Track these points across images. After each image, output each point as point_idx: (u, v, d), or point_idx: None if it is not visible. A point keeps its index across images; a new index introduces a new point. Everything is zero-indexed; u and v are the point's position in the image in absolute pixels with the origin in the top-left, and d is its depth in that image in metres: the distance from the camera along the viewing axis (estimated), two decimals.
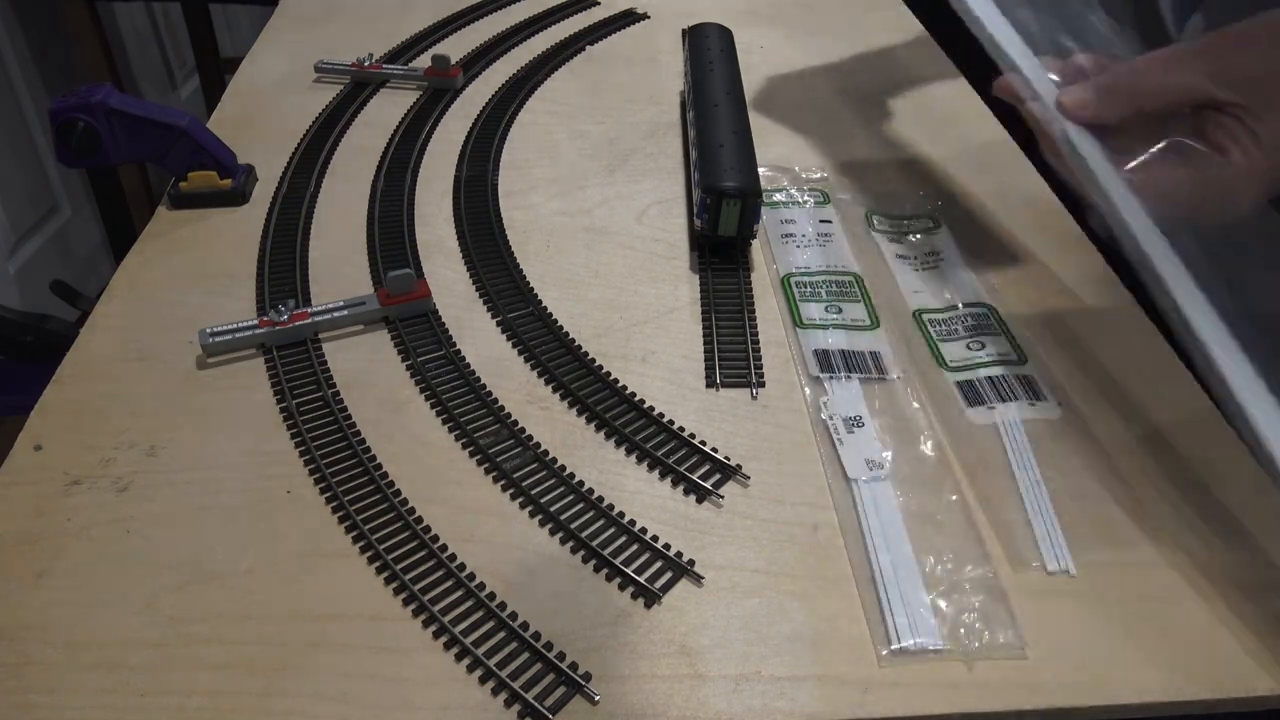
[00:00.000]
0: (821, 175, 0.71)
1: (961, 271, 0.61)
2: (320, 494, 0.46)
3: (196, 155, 0.66)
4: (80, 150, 0.63)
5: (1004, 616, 0.40)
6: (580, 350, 0.55)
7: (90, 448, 0.48)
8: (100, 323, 0.57)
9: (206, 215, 0.67)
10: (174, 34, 2.08)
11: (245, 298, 0.59)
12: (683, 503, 0.46)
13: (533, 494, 0.46)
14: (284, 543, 0.44)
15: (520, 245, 0.64)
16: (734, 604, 0.41)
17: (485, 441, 0.49)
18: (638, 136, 0.77)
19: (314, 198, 0.69)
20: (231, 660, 0.39)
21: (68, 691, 0.38)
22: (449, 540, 0.44)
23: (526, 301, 0.59)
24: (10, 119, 1.59)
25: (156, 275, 0.61)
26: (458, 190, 0.70)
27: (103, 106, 0.63)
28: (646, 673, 0.39)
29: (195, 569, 0.43)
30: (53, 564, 0.43)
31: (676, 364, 0.54)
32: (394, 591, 0.42)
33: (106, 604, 0.41)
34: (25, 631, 0.40)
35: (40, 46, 1.66)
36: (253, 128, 0.77)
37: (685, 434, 0.49)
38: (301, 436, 0.49)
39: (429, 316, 0.57)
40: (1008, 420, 0.49)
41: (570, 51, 0.90)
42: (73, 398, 0.52)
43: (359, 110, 0.80)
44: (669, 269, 0.62)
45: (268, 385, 0.53)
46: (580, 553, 0.43)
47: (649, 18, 0.97)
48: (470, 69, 0.86)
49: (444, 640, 0.40)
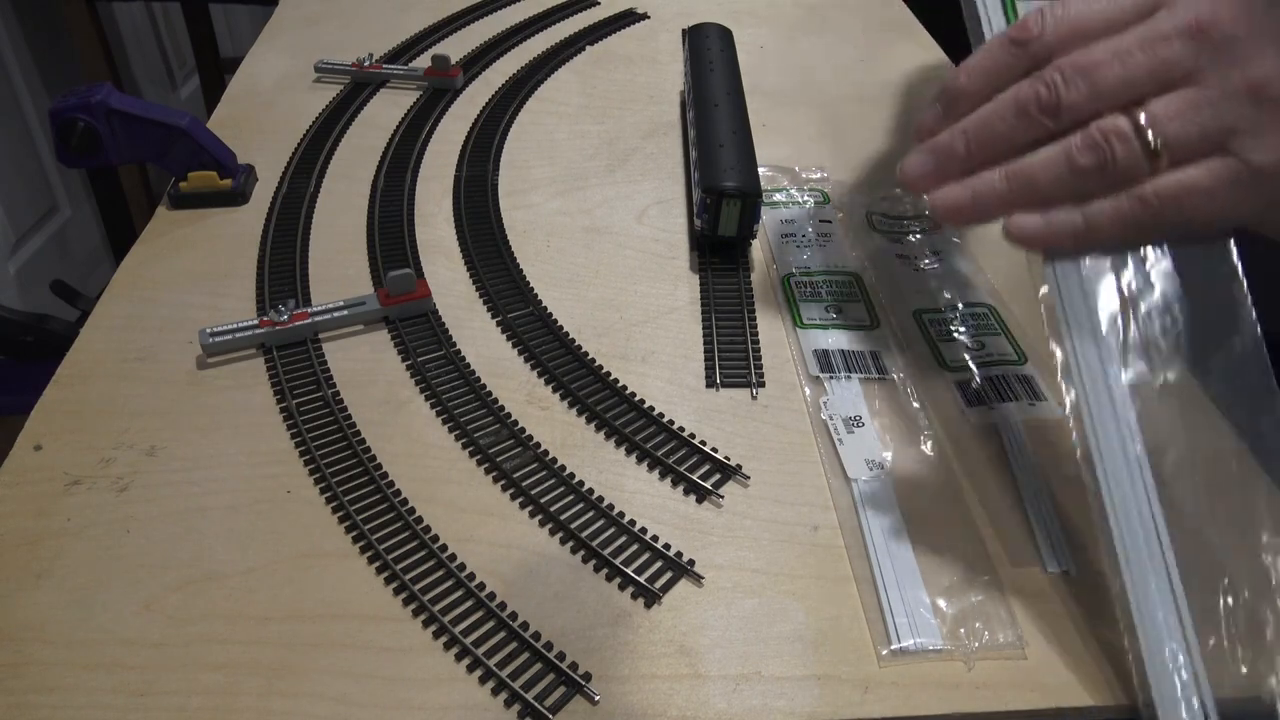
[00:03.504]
0: (821, 175, 0.71)
1: (962, 271, 0.61)
2: (320, 494, 0.46)
3: (196, 155, 0.66)
4: (80, 150, 0.63)
5: (1004, 616, 0.40)
6: (580, 350, 0.55)
7: (90, 448, 0.48)
8: (100, 323, 0.57)
9: (206, 215, 0.67)
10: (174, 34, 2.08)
11: (245, 298, 0.59)
12: (683, 503, 0.46)
13: (533, 494, 0.46)
14: (284, 543, 0.44)
15: (520, 245, 0.64)
16: (734, 604, 0.41)
17: (485, 441, 0.49)
18: (638, 136, 0.77)
19: (314, 198, 0.69)
20: (231, 660, 0.39)
21: (68, 691, 0.38)
22: (449, 540, 0.44)
23: (526, 301, 0.59)
24: (10, 119, 1.59)
25: (156, 275, 0.61)
26: (458, 190, 0.70)
27: (103, 106, 0.63)
28: (646, 673, 0.39)
29: (195, 569, 0.43)
30: (53, 564, 0.43)
31: (676, 364, 0.54)
32: (394, 591, 0.42)
33: (106, 604, 0.41)
34: (25, 631, 0.40)
35: (40, 46, 1.66)
36: (253, 128, 0.77)
37: (685, 434, 0.49)
38: (301, 436, 0.49)
39: (429, 316, 0.57)
40: (1008, 420, 0.49)
41: (570, 51, 0.90)
42: (73, 398, 0.52)
43: (359, 110, 0.80)
44: (669, 269, 0.62)
45: (268, 385, 0.53)
46: (580, 553, 0.43)
47: (649, 18, 0.97)
48: (470, 69, 0.86)
49: (444, 640, 0.40)
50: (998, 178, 0.34)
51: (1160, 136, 0.31)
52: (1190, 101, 0.32)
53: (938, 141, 0.35)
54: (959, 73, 0.35)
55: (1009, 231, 0.35)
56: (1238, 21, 0.31)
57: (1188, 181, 0.32)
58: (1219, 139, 0.31)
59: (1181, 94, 0.32)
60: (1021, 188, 0.34)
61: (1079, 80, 0.32)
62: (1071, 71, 0.32)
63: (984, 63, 0.34)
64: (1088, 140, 0.32)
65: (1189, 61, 0.31)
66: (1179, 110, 0.31)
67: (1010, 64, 0.34)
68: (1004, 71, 0.34)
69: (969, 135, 0.34)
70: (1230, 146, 0.31)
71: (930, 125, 0.36)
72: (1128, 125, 0.32)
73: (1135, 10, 0.32)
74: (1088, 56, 0.32)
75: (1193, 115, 0.31)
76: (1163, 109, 0.32)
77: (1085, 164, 0.32)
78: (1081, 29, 0.33)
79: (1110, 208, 0.33)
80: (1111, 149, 0.32)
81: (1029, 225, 0.34)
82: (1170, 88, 0.32)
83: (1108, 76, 0.32)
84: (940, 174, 0.35)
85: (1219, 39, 0.31)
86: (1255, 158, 0.31)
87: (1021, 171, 0.34)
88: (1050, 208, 0.34)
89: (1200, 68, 0.31)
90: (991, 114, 0.34)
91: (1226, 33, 0.31)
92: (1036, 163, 0.33)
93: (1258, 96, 0.31)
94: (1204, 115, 0.31)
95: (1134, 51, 0.32)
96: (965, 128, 0.34)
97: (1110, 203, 0.33)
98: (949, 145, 0.35)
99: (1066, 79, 0.32)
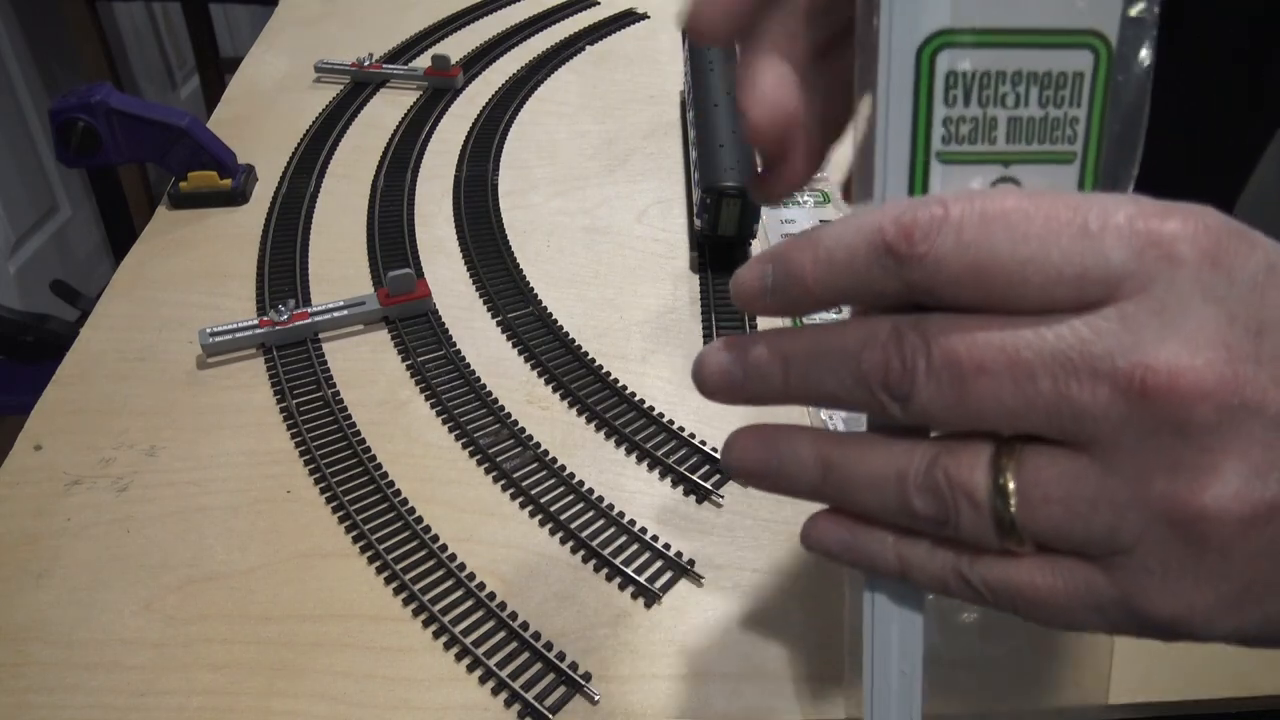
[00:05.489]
0: (821, 175, 0.71)
1: None
2: (320, 494, 0.46)
3: (196, 155, 0.66)
4: (80, 150, 0.63)
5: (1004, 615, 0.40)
6: (580, 350, 0.55)
7: (90, 448, 0.48)
8: (100, 323, 0.57)
9: (206, 215, 0.67)
10: (174, 34, 2.08)
11: (245, 297, 0.59)
12: (683, 502, 0.46)
13: (532, 494, 0.46)
14: (284, 543, 0.44)
15: (520, 245, 0.64)
16: (734, 604, 0.41)
17: (485, 441, 0.49)
18: (638, 136, 0.77)
19: (314, 198, 0.69)
20: (231, 660, 0.39)
21: (68, 691, 0.38)
22: (449, 540, 0.44)
23: (526, 301, 0.59)
24: (10, 119, 1.59)
25: (156, 275, 0.61)
26: (458, 190, 0.70)
27: (103, 106, 0.63)
28: (647, 672, 0.39)
29: (195, 569, 0.43)
30: (53, 564, 0.43)
31: (676, 364, 0.54)
32: (394, 591, 0.42)
33: (106, 604, 0.41)
34: (25, 631, 0.40)
35: (40, 46, 1.66)
36: (253, 128, 0.77)
37: (685, 434, 0.49)
38: (301, 436, 0.49)
39: (429, 316, 0.57)
40: None
41: (570, 51, 0.90)
42: (73, 398, 0.52)
43: (359, 110, 0.80)
44: (669, 269, 0.62)
45: (268, 385, 0.53)
46: (580, 552, 0.43)
47: (649, 17, 0.97)
48: (470, 69, 0.86)
49: (444, 640, 0.40)
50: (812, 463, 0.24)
51: (1026, 524, 0.21)
52: (1084, 489, 0.21)
53: (755, 359, 0.25)
54: (808, 253, 0.23)
55: (803, 536, 0.26)
56: (1202, 398, 0.19)
57: (1040, 586, 0.22)
58: (1104, 550, 0.21)
59: (1079, 468, 0.21)
60: (837, 492, 0.24)
61: (946, 382, 0.21)
62: (942, 364, 0.21)
63: (843, 258, 0.22)
64: (930, 484, 0.22)
65: (1110, 425, 0.20)
66: (1064, 496, 0.21)
67: (876, 276, 0.22)
68: (864, 281, 0.22)
69: (791, 371, 0.24)
70: (1113, 568, 0.21)
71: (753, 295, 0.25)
72: (985, 486, 0.21)
73: (1071, 289, 0.20)
74: (973, 352, 0.21)
75: (1080, 510, 0.21)
76: (1042, 486, 0.21)
77: (920, 510, 0.23)
78: (987, 274, 0.20)
79: (935, 569, 0.24)
80: (956, 509, 0.22)
81: (829, 538, 0.25)
82: (1069, 443, 0.21)
83: (986, 398, 0.21)
84: (745, 395, 0.25)
85: (1164, 415, 0.20)
86: (1137, 597, 0.21)
87: (842, 477, 0.24)
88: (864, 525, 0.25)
89: (1120, 443, 0.20)
90: (824, 356, 0.23)
91: (1176, 412, 0.19)
92: (861, 475, 0.24)
93: (1187, 531, 0.20)
94: (1097, 518, 0.21)
95: (1038, 376, 0.20)
96: (789, 356, 0.24)
97: (936, 563, 0.24)
98: (765, 370, 0.24)
99: (932, 370, 0.21)
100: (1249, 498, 0.20)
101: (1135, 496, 0.20)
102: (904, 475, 0.23)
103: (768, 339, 0.24)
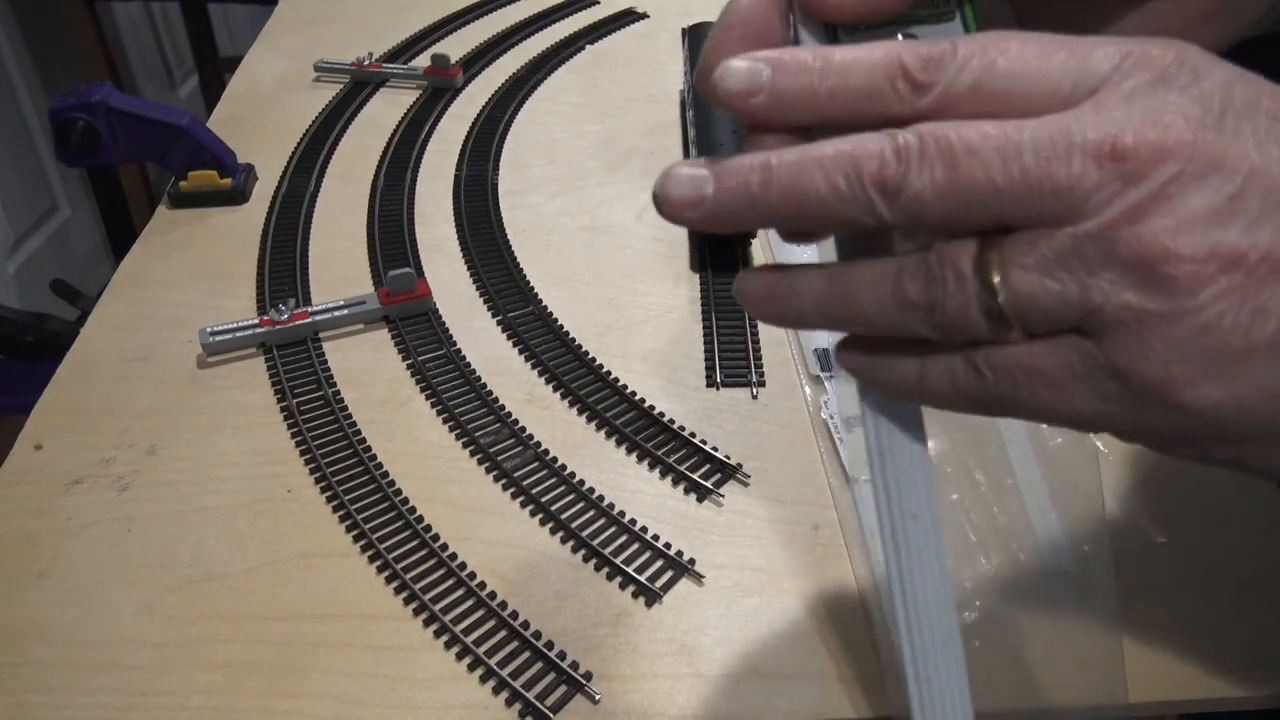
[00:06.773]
0: None
1: None
2: (320, 493, 0.46)
3: (196, 154, 0.66)
4: (80, 150, 0.63)
5: (1003, 616, 0.40)
6: (580, 350, 0.55)
7: (90, 448, 0.48)
8: (100, 322, 0.57)
9: (206, 215, 0.67)
10: (173, 33, 2.08)
11: (245, 297, 0.59)
12: (683, 502, 0.46)
13: (533, 493, 0.46)
14: (284, 542, 0.44)
15: (520, 244, 0.64)
16: (734, 603, 0.41)
17: (486, 440, 0.49)
18: (638, 136, 0.77)
19: (314, 197, 0.69)
20: (231, 660, 0.39)
21: (68, 691, 0.38)
22: (449, 539, 0.44)
23: (526, 301, 0.59)
24: (10, 118, 1.59)
25: (156, 274, 0.61)
26: (458, 189, 0.70)
27: (103, 106, 0.63)
28: (647, 672, 0.39)
29: (195, 569, 0.43)
30: (53, 564, 0.43)
31: (677, 363, 0.54)
32: (395, 591, 0.42)
33: (106, 604, 0.41)
34: (25, 631, 0.40)
35: (39, 46, 1.66)
36: (253, 127, 0.77)
37: (686, 433, 0.49)
38: (302, 436, 0.49)
39: (429, 315, 0.57)
40: (1008, 420, 0.49)
41: (570, 51, 0.90)
42: (73, 398, 0.52)
43: (359, 110, 0.80)
44: (669, 269, 0.62)
45: (268, 384, 0.53)
46: (581, 552, 0.43)
47: (649, 17, 0.97)
48: (470, 68, 0.86)
49: (445, 639, 0.40)
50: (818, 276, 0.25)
51: (1006, 290, 0.22)
52: (1060, 250, 0.22)
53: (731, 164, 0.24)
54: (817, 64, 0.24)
55: (835, 356, 0.27)
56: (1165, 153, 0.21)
57: (1029, 362, 0.23)
58: (1081, 310, 0.22)
59: (1056, 236, 0.22)
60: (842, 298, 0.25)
61: (939, 167, 0.22)
62: (935, 151, 0.22)
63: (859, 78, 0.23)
64: (921, 265, 0.24)
65: (1083, 192, 0.22)
66: (1041, 261, 0.22)
67: (890, 100, 0.23)
68: (877, 101, 0.23)
69: (774, 174, 0.24)
70: (1095, 332, 0.22)
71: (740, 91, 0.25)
72: (970, 261, 0.23)
73: (1062, 86, 0.23)
74: (963, 136, 0.22)
75: (1057, 272, 0.22)
76: (1021, 253, 0.22)
77: (913, 295, 0.24)
78: (988, 92, 0.23)
79: (944, 368, 0.25)
80: (944, 287, 0.23)
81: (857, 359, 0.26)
82: (1050, 221, 0.22)
83: (977, 176, 0.22)
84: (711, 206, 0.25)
85: (1130, 172, 0.21)
86: (1119, 357, 0.22)
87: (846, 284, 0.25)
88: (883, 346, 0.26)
89: (1093, 207, 0.22)
90: (815, 163, 0.23)
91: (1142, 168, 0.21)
92: (864, 279, 0.24)
93: (1153, 272, 0.21)
94: (1072, 278, 0.22)
95: (1024, 152, 0.22)
96: (774, 164, 0.24)
97: (944, 361, 0.25)
98: (742, 172, 0.24)
99: (925, 157, 0.22)
100: (1208, 238, 0.21)
101: (1103, 249, 0.22)
102: (901, 268, 0.24)
103: (753, 148, 0.25)
